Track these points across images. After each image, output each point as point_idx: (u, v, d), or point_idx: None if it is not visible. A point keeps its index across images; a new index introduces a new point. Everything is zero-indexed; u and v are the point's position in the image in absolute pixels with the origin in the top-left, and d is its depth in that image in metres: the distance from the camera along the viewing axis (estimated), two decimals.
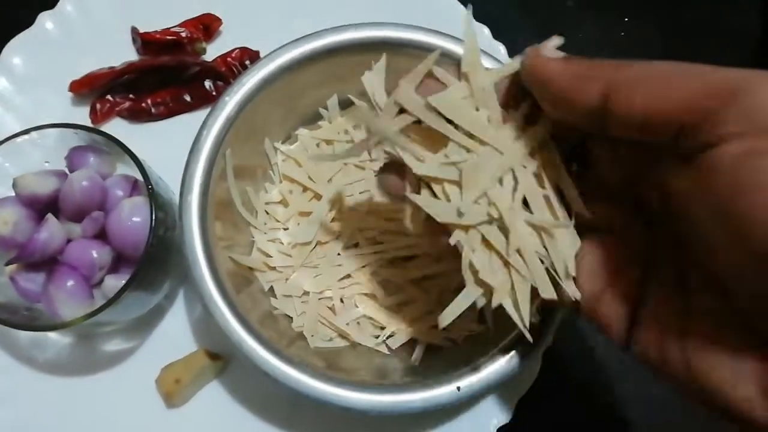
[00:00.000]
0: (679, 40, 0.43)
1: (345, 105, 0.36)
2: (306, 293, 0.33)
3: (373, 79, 0.24)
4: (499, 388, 0.29)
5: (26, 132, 0.31)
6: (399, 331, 0.32)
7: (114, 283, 0.31)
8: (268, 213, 0.35)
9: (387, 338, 0.32)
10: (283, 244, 0.34)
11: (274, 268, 0.33)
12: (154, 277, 0.31)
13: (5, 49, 0.38)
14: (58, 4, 0.39)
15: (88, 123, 0.38)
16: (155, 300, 0.33)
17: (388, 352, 0.32)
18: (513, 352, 0.28)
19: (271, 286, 0.33)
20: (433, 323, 0.32)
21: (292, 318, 0.33)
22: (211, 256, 0.29)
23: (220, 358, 0.33)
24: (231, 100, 0.31)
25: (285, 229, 0.35)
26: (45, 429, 0.33)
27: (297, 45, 0.32)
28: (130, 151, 0.30)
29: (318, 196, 0.35)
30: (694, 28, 0.44)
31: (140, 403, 0.33)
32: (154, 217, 0.29)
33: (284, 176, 0.35)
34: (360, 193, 0.35)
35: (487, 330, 0.31)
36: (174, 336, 0.35)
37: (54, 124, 0.31)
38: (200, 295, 0.28)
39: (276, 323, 0.32)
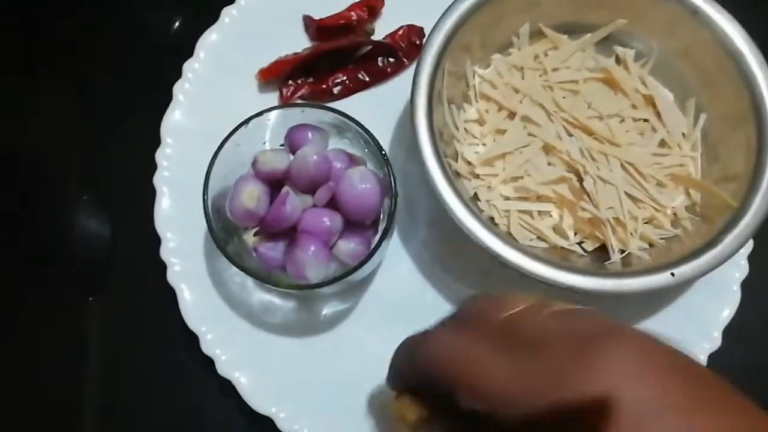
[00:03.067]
0: None
1: (535, 35, 0.40)
2: (508, 198, 0.36)
3: None
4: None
5: (259, 114, 0.33)
6: (592, 236, 0.36)
7: (346, 246, 0.34)
8: (467, 130, 0.38)
9: (580, 243, 0.36)
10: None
11: (477, 176, 0.37)
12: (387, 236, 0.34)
13: (199, 42, 0.41)
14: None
15: None
16: (380, 259, 0.36)
17: (584, 253, 0.36)
18: (718, 246, 0.32)
19: (476, 192, 0.37)
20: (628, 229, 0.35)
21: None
22: (443, 167, 0.33)
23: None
24: (444, 27, 0.35)
25: (483, 144, 0.38)
26: (282, 388, 0.35)
27: None
28: (361, 125, 0.33)
29: (512, 115, 0.38)
30: None
31: (360, 358, 0.36)
32: (393, 179, 0.32)
33: (482, 95, 0.39)
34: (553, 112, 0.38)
35: (680, 234, 0.35)
36: (384, 295, 0.38)
37: (293, 103, 0.34)
38: (448, 209, 0.33)
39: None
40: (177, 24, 0.45)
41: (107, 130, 0.42)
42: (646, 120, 0.38)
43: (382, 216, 0.35)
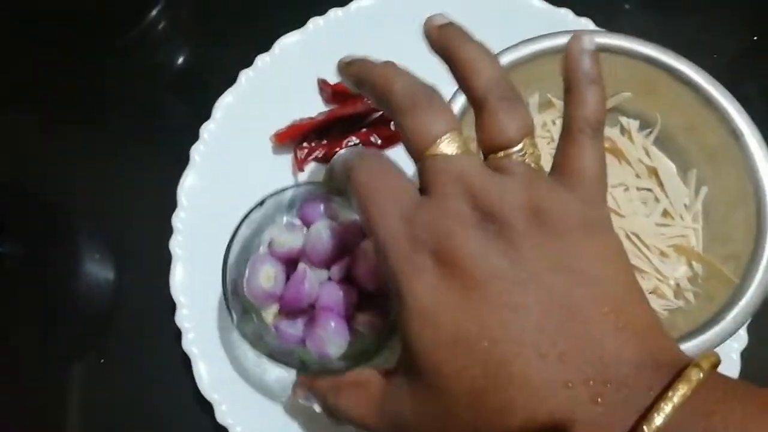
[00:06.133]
0: None
1: (544, 104, 0.41)
2: None
3: None
4: None
5: (274, 194, 0.34)
6: None
7: (364, 318, 0.35)
8: None
9: None
10: None
11: None
12: None
13: (216, 104, 0.42)
14: (255, 61, 0.43)
15: (290, 169, 0.41)
16: None
17: None
18: (720, 323, 0.32)
19: None
20: None
21: None
22: None
23: None
24: (458, 100, 0.35)
25: None
26: None
27: (507, 52, 0.36)
28: None
29: None
30: None
31: None
32: None
33: None
34: None
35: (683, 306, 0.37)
36: None
37: (309, 182, 0.34)
38: None
39: None
40: (197, 87, 0.45)
41: (124, 190, 0.43)
42: (649, 189, 0.40)
43: None
